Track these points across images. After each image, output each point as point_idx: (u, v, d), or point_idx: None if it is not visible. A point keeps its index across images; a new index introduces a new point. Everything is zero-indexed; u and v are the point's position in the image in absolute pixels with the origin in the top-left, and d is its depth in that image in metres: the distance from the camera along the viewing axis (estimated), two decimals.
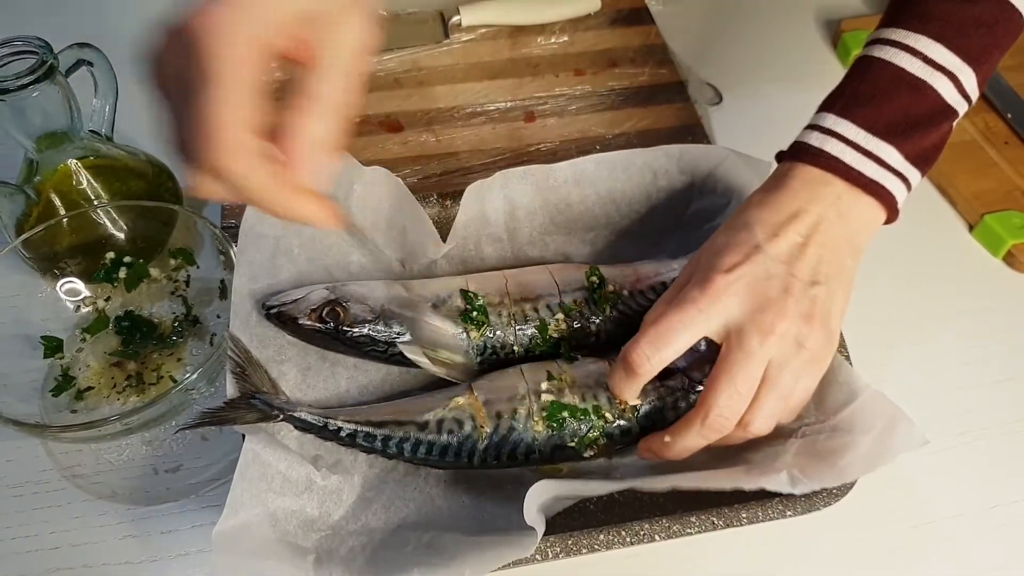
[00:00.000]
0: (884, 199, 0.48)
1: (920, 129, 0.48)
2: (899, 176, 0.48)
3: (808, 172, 0.48)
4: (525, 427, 0.53)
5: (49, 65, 0.59)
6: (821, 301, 0.46)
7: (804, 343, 0.46)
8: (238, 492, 0.49)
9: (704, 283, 0.47)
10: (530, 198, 0.64)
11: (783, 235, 0.47)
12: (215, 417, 0.51)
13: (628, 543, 0.49)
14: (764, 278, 0.46)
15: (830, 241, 0.47)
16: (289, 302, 0.57)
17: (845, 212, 0.48)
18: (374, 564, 0.49)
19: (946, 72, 0.48)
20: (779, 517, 0.50)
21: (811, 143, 0.49)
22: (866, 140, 0.48)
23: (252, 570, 0.47)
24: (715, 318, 0.47)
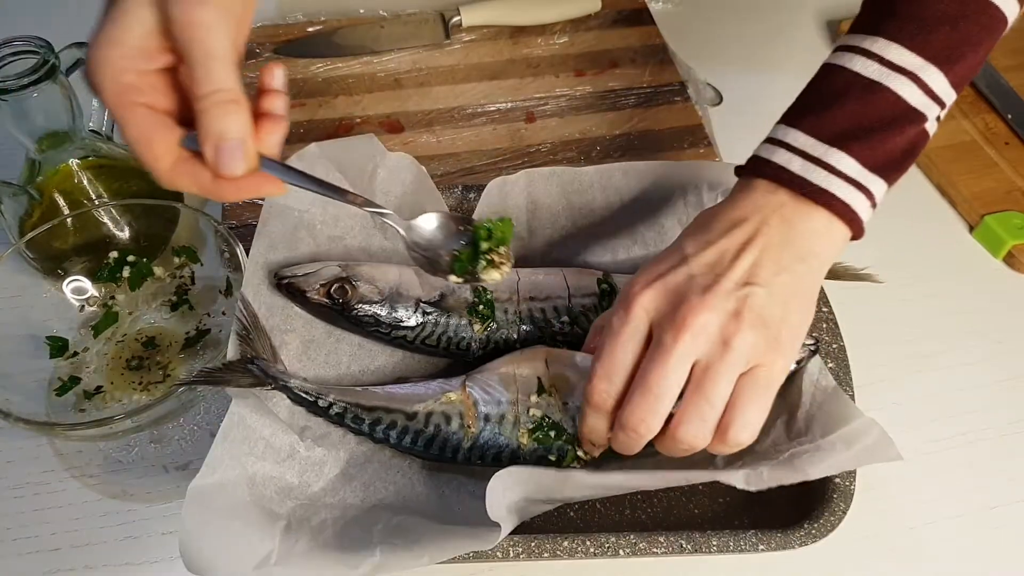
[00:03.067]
0: (836, 209, 0.44)
1: (877, 134, 0.45)
2: (855, 184, 0.45)
3: (754, 185, 0.46)
4: (511, 435, 0.54)
5: (50, 65, 0.59)
6: (755, 300, 0.43)
7: (730, 341, 0.42)
8: (218, 452, 0.49)
9: (624, 295, 0.45)
10: (554, 199, 0.64)
11: (714, 245, 0.45)
12: (211, 377, 0.51)
13: (591, 554, 0.49)
14: (684, 280, 0.44)
15: (770, 246, 0.44)
16: (300, 275, 0.58)
17: (789, 218, 0.45)
18: (340, 538, 0.49)
19: (905, 72, 0.45)
20: (751, 550, 0.49)
21: (761, 155, 0.47)
22: (814, 147, 0.45)
23: (219, 527, 0.47)
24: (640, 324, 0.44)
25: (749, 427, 0.44)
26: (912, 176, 0.80)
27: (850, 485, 0.52)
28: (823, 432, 0.50)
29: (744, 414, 0.43)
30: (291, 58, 0.88)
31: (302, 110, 0.83)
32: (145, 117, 0.40)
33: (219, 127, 0.39)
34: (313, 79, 0.86)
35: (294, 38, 0.90)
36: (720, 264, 0.44)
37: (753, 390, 0.43)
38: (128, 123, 0.40)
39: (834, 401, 0.52)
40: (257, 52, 0.89)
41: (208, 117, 0.39)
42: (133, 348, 0.64)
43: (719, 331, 0.42)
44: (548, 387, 0.55)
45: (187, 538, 0.45)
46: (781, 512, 0.53)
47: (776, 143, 0.46)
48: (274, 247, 0.60)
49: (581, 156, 0.78)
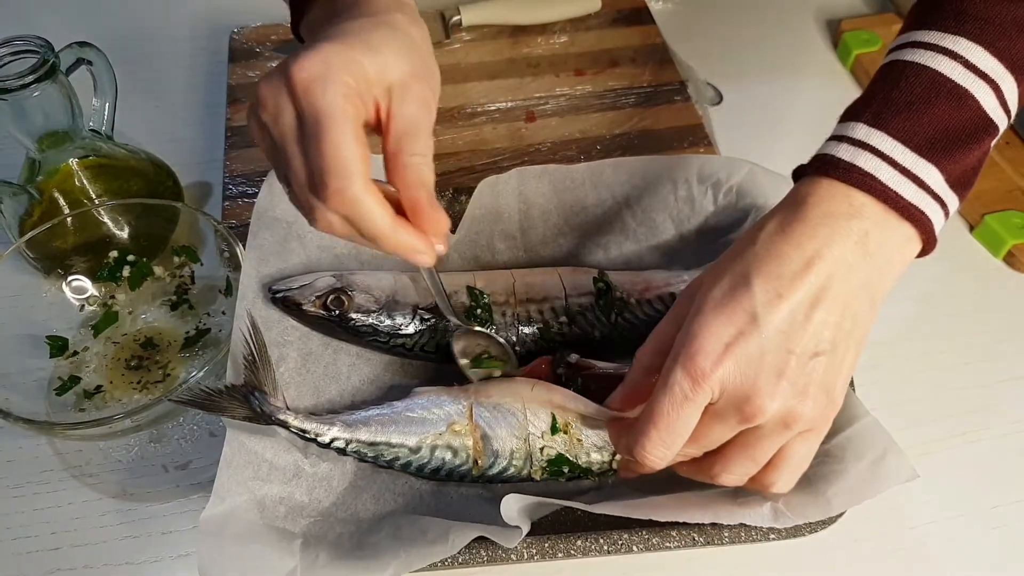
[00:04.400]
0: (922, 227, 0.41)
1: (961, 145, 0.41)
2: (938, 200, 0.41)
3: (834, 193, 0.41)
4: (521, 469, 0.53)
5: (50, 64, 0.59)
6: (820, 374, 0.41)
7: (793, 424, 0.41)
8: (224, 480, 0.49)
9: (693, 367, 0.41)
10: (546, 198, 0.64)
11: (787, 297, 0.40)
12: (206, 402, 0.51)
13: (605, 551, 0.49)
14: (758, 356, 0.40)
15: (843, 296, 0.40)
16: (295, 287, 0.57)
17: (873, 251, 0.41)
18: (360, 548, 0.49)
19: (988, 80, 0.41)
20: (762, 540, 0.49)
21: (840, 156, 0.41)
22: (903, 155, 0.41)
23: (236, 552, 0.47)
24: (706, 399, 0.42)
25: (790, 483, 0.45)
26: None
27: None
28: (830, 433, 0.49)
29: (790, 471, 0.44)
30: None
31: None
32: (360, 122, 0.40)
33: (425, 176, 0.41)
34: None
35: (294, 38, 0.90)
36: (791, 332, 0.40)
37: (802, 449, 0.43)
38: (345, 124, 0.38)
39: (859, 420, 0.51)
40: (257, 52, 0.89)
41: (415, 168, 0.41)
42: (133, 348, 0.64)
43: (784, 415, 0.41)
44: (563, 425, 0.53)
45: (208, 566, 0.46)
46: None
47: (858, 144, 0.41)
48: (265, 260, 0.59)
49: (581, 155, 0.78)
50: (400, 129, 0.41)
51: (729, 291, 0.41)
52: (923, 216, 0.41)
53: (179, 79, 0.89)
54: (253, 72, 0.87)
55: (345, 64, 0.38)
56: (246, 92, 0.84)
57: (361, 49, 0.39)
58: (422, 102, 0.41)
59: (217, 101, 0.85)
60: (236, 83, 0.85)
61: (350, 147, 0.38)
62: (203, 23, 0.95)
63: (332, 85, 0.38)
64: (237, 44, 0.90)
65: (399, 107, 0.40)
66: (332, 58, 0.38)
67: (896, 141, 0.41)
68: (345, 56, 0.39)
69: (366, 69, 0.39)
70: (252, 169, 0.77)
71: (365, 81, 0.39)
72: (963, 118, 0.41)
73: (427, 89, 0.42)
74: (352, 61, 0.39)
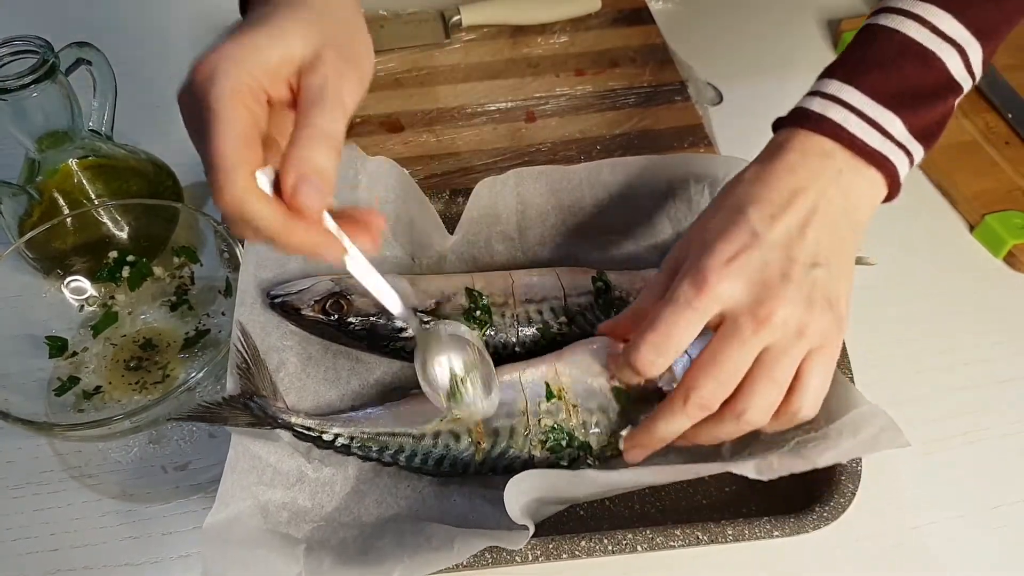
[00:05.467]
0: (887, 171, 0.46)
1: (925, 102, 0.46)
2: (902, 149, 0.46)
3: (808, 141, 0.46)
4: (523, 446, 0.53)
5: (50, 64, 0.59)
6: (822, 283, 0.44)
7: (805, 331, 0.44)
8: (228, 485, 0.49)
9: (698, 277, 0.44)
10: (543, 198, 0.64)
11: (781, 218, 0.44)
12: (209, 414, 0.51)
13: (609, 551, 0.49)
14: (761, 266, 0.44)
15: (829, 220, 0.45)
16: (293, 292, 0.57)
17: (846, 187, 0.46)
18: (364, 553, 0.49)
19: (954, 44, 0.46)
20: (766, 536, 0.49)
21: (813, 109, 0.46)
22: (871, 108, 0.46)
23: (241, 558, 0.47)
24: (711, 310, 0.44)
25: (817, 402, 0.46)
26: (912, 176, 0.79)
27: (857, 466, 0.52)
28: (828, 419, 0.50)
29: (813, 391, 0.45)
30: None
31: None
32: (250, 124, 0.38)
33: (312, 155, 0.38)
34: None
35: None
36: (790, 244, 0.44)
37: (820, 368, 0.45)
38: (231, 120, 0.37)
39: (838, 388, 0.51)
40: None
41: (304, 145, 0.38)
42: (132, 348, 0.64)
43: (796, 322, 0.43)
44: (557, 391, 0.54)
45: (213, 572, 0.46)
46: (789, 497, 0.53)
47: (829, 98, 0.46)
48: (263, 265, 0.59)
49: (581, 155, 0.78)
50: (304, 101, 0.39)
51: (726, 220, 0.46)
52: (887, 162, 0.46)
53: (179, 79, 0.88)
54: None
55: (243, 58, 0.38)
56: None
57: (265, 37, 0.39)
58: (333, 70, 0.39)
59: None
60: None
61: (230, 144, 0.37)
62: (203, 23, 0.95)
63: (220, 83, 0.37)
64: None
65: (305, 80, 0.39)
66: (229, 53, 0.38)
67: (864, 95, 0.46)
68: (245, 49, 0.38)
69: (268, 57, 0.39)
70: None
71: (267, 70, 0.39)
72: (929, 77, 0.46)
73: (339, 57, 0.40)
74: (253, 52, 0.38)
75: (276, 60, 0.39)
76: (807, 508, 0.51)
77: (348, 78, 0.40)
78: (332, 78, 0.39)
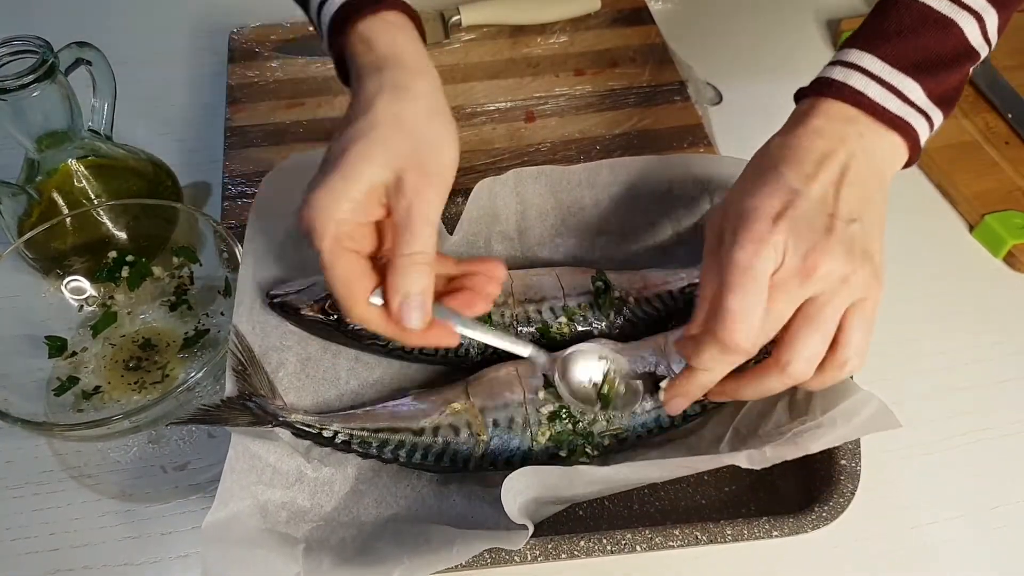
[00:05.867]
0: (908, 136, 0.47)
1: (944, 68, 0.47)
2: (922, 114, 0.48)
3: (831, 108, 0.47)
4: (523, 437, 0.54)
5: (50, 64, 0.59)
6: (860, 237, 0.45)
7: (848, 281, 0.44)
8: (228, 484, 0.49)
9: (752, 233, 0.44)
10: (543, 198, 0.64)
11: (817, 177, 0.45)
12: (208, 416, 0.51)
13: (608, 551, 0.49)
14: (807, 220, 0.44)
15: (860, 179, 0.46)
16: (292, 292, 0.57)
17: (869, 148, 0.47)
18: (363, 553, 0.49)
19: (972, 11, 0.47)
20: (765, 536, 0.49)
21: (834, 77, 0.48)
22: (891, 75, 0.47)
23: (240, 558, 0.47)
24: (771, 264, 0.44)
25: (862, 354, 0.46)
26: (912, 176, 0.80)
27: (856, 466, 0.52)
28: (824, 410, 0.50)
29: (858, 342, 0.46)
30: (291, 58, 0.88)
31: (302, 110, 0.83)
32: (353, 263, 0.45)
33: (408, 285, 0.44)
34: (313, 79, 0.86)
35: (294, 38, 0.90)
36: (827, 200, 0.45)
37: (863, 320, 0.45)
38: (337, 267, 0.44)
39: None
40: (257, 52, 0.88)
41: (401, 273, 0.44)
42: (132, 348, 0.64)
43: (840, 273, 0.44)
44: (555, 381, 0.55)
45: (212, 572, 0.46)
46: (788, 497, 0.54)
47: (850, 66, 0.47)
48: (262, 265, 0.59)
49: (581, 155, 0.78)
50: (396, 226, 0.45)
51: (764, 182, 0.46)
52: (907, 125, 0.47)
53: (179, 79, 0.89)
54: (253, 72, 0.87)
55: (329, 207, 0.43)
56: (246, 92, 0.84)
57: (341, 182, 0.43)
58: (414, 193, 0.44)
59: (217, 101, 0.85)
60: (236, 83, 0.85)
61: (342, 285, 0.45)
62: (203, 23, 0.95)
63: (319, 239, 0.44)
64: (237, 44, 0.89)
65: (393, 204, 0.45)
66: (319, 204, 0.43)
67: (884, 63, 0.47)
68: (330, 198, 0.43)
69: (352, 198, 0.44)
70: (251, 169, 0.77)
71: (356, 209, 0.44)
72: (947, 44, 0.47)
73: (419, 175, 0.44)
74: (336, 202, 0.43)
75: (359, 198, 0.44)
76: (806, 508, 0.51)
77: (429, 196, 0.45)
78: (415, 202, 0.44)
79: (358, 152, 0.44)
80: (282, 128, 0.81)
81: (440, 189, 0.46)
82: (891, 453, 0.61)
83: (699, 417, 0.56)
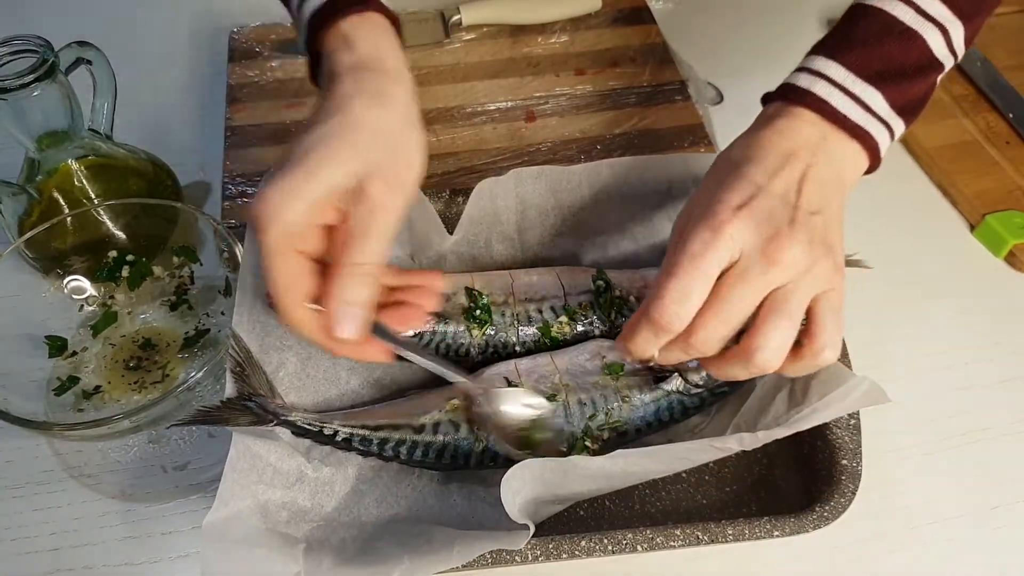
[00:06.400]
0: (867, 145, 0.48)
1: (907, 78, 0.48)
2: (883, 123, 0.49)
3: (795, 113, 0.48)
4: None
5: (50, 64, 0.59)
6: (821, 230, 0.46)
7: (812, 270, 0.45)
8: (228, 484, 0.49)
9: (712, 222, 0.44)
10: (543, 198, 0.64)
11: (780, 174, 0.46)
12: (209, 416, 0.51)
13: (609, 551, 0.49)
14: (768, 212, 0.45)
15: (821, 179, 0.47)
16: None
17: (831, 152, 0.48)
18: (364, 553, 0.49)
19: (937, 24, 0.48)
20: (766, 536, 0.49)
21: (799, 84, 0.49)
22: (854, 84, 0.48)
23: (240, 558, 0.47)
24: (726, 255, 0.44)
25: (836, 342, 0.46)
26: (913, 176, 0.80)
27: (857, 465, 0.52)
28: (820, 397, 0.50)
29: (830, 328, 0.46)
30: (291, 57, 0.88)
31: (301, 110, 0.83)
32: (296, 264, 0.44)
33: (350, 294, 0.44)
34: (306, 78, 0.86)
35: (294, 38, 0.90)
36: (789, 196, 0.46)
37: (831, 309, 0.46)
38: (280, 266, 0.44)
39: (829, 369, 0.51)
40: (257, 51, 0.88)
41: (346, 282, 0.44)
42: (132, 348, 0.64)
43: (804, 262, 0.44)
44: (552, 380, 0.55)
45: (212, 572, 0.46)
46: (790, 497, 0.54)
47: (815, 74, 0.48)
48: None
49: (581, 155, 0.78)
50: (349, 234, 0.44)
51: (727, 178, 0.47)
52: (868, 135, 0.48)
53: (179, 79, 0.89)
54: (253, 72, 0.86)
55: (285, 204, 0.42)
56: (246, 92, 0.84)
57: (304, 178, 0.43)
58: (377, 202, 0.44)
59: (217, 101, 0.85)
60: (236, 83, 0.85)
61: (281, 285, 0.44)
62: (203, 23, 0.95)
63: (268, 234, 0.43)
64: (237, 44, 0.89)
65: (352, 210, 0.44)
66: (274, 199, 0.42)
67: (848, 71, 0.48)
68: (288, 195, 0.42)
69: (311, 197, 0.43)
70: (251, 169, 0.77)
71: (312, 208, 0.43)
72: (911, 55, 0.48)
73: (383, 185, 0.44)
74: (295, 199, 0.42)
75: (318, 198, 0.43)
76: (808, 508, 0.51)
77: (394, 207, 0.44)
78: (378, 212, 0.44)
79: (328, 151, 0.43)
80: (282, 128, 0.81)
81: (405, 202, 0.45)
82: (892, 453, 0.61)
83: (699, 412, 0.56)
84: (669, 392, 0.55)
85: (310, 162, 0.43)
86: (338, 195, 0.44)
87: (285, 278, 0.44)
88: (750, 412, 0.55)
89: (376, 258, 0.44)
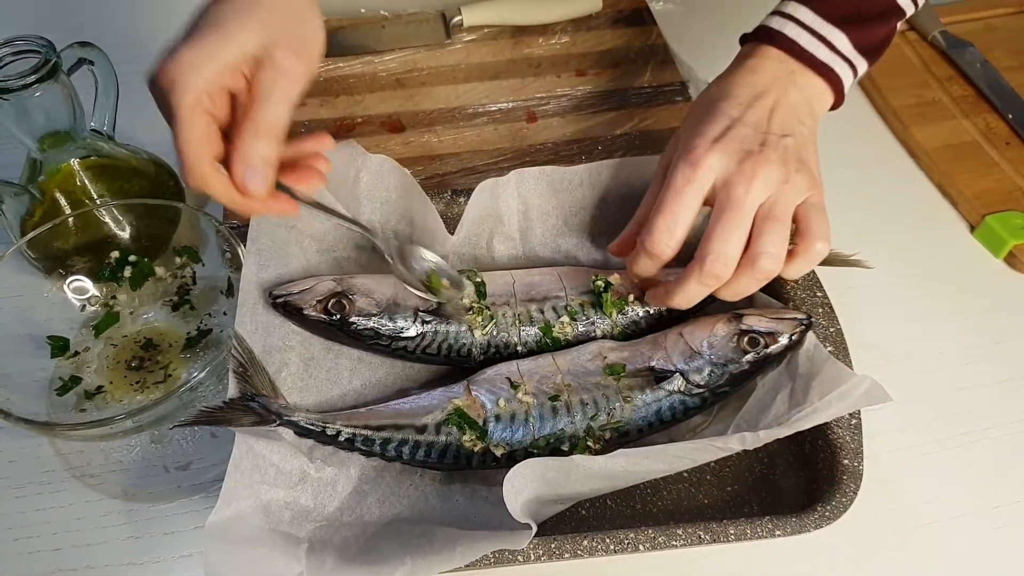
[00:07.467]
0: (832, 81, 0.54)
1: (871, 22, 0.54)
2: (847, 62, 0.54)
3: (767, 53, 0.54)
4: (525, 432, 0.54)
5: (52, 64, 0.59)
6: (793, 149, 0.51)
7: (789, 179, 0.50)
8: (231, 484, 0.49)
9: (690, 157, 0.51)
10: (544, 199, 0.64)
11: (752, 107, 0.52)
12: (212, 417, 0.51)
13: (611, 551, 0.49)
14: (742, 140, 0.51)
15: (791, 107, 0.53)
16: (295, 292, 0.57)
17: (800, 86, 0.54)
18: (366, 553, 0.49)
19: None
20: (767, 536, 0.50)
21: (772, 26, 0.55)
22: (821, 26, 0.54)
23: (243, 557, 0.47)
24: (707, 183, 0.50)
25: (827, 237, 0.52)
26: (913, 176, 0.80)
27: (858, 465, 0.52)
28: (821, 396, 0.51)
29: (819, 225, 0.51)
30: None
31: (303, 110, 0.83)
32: (208, 124, 0.46)
33: (256, 151, 0.46)
34: (314, 78, 0.86)
35: None
36: (761, 124, 0.51)
37: (816, 210, 0.52)
38: (191, 125, 0.45)
39: (830, 369, 0.52)
40: None
41: (250, 139, 0.46)
42: (134, 348, 0.64)
43: (779, 176, 0.50)
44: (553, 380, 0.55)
45: (215, 571, 0.46)
46: (791, 497, 0.54)
47: (786, 17, 0.55)
48: (265, 265, 0.59)
49: (582, 155, 0.78)
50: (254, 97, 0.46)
51: (704, 114, 0.53)
52: (832, 72, 0.54)
53: None
54: None
55: (198, 65, 0.44)
56: None
57: (217, 41, 0.45)
58: (280, 69, 0.46)
59: None
60: None
61: (192, 144, 0.45)
62: None
63: (179, 93, 0.44)
64: None
65: (257, 76, 0.46)
66: (187, 61, 0.44)
67: (816, 15, 0.54)
68: (200, 56, 0.44)
69: (223, 59, 0.45)
70: None
71: (223, 71, 0.45)
72: (875, 2, 0.55)
73: (288, 52, 0.46)
74: (208, 59, 0.44)
75: (230, 60, 0.45)
76: (809, 508, 0.51)
77: (296, 74, 0.47)
78: (280, 77, 0.46)
79: (238, 20, 0.45)
80: None
81: (307, 72, 0.48)
82: (893, 453, 0.61)
83: (700, 411, 0.56)
84: (670, 392, 0.55)
85: (223, 29, 0.45)
86: (246, 61, 0.46)
87: (197, 138, 0.45)
88: (751, 411, 0.55)
89: (279, 120, 0.46)
